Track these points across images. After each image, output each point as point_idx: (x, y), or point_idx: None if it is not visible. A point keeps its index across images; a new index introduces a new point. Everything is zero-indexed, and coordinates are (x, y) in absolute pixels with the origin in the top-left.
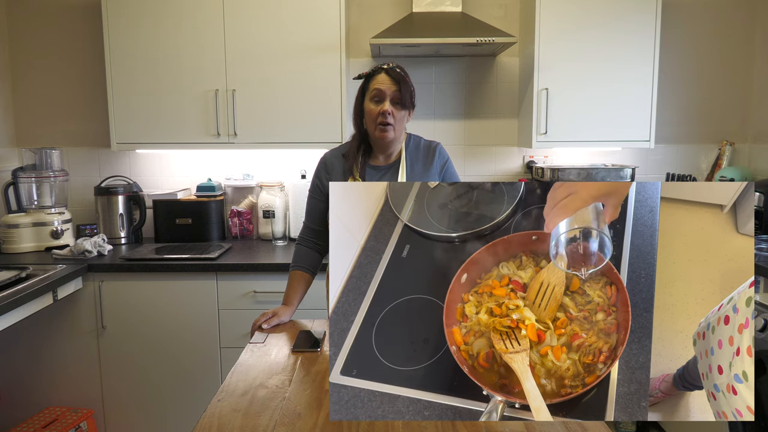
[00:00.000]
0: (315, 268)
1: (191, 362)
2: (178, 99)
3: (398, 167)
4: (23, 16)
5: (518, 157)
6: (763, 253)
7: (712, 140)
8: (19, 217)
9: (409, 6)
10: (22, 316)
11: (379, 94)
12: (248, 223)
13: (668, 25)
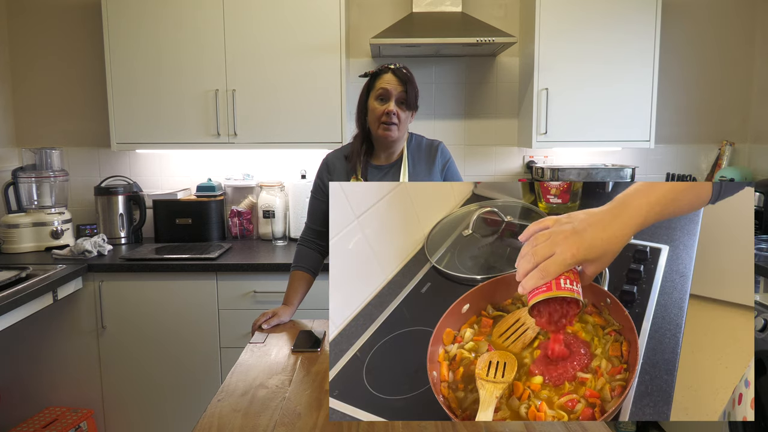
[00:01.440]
0: (316, 268)
1: (191, 362)
2: (178, 99)
3: (400, 166)
4: (23, 16)
5: (518, 157)
6: (763, 253)
7: (712, 140)
8: (19, 217)
9: (409, 6)
10: (22, 316)
11: (384, 93)
12: (248, 223)
13: (668, 25)
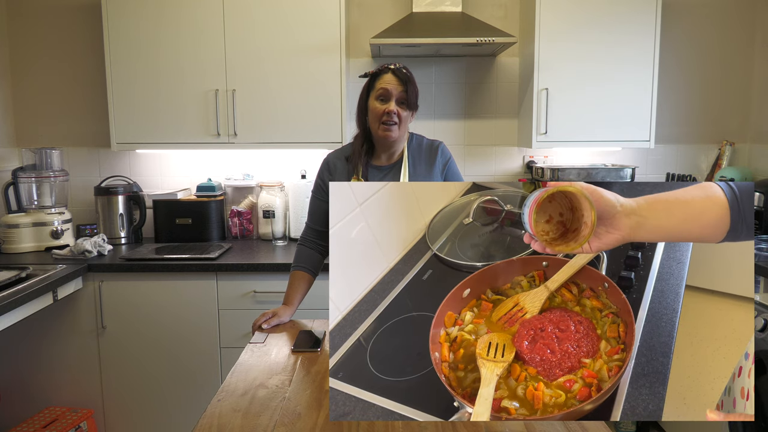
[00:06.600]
0: (316, 268)
1: (191, 362)
2: (178, 99)
3: (400, 167)
4: (23, 16)
5: (518, 157)
6: (763, 253)
7: (712, 140)
8: (19, 217)
9: (409, 6)
10: (22, 316)
11: (385, 93)
12: (248, 223)
13: (668, 25)
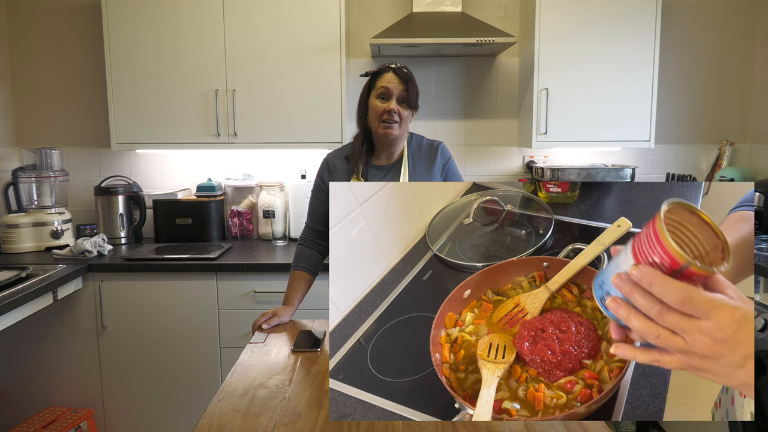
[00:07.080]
0: (316, 268)
1: (191, 362)
2: (178, 99)
3: (400, 167)
4: (23, 16)
5: (518, 157)
6: (763, 253)
7: (712, 140)
8: (19, 217)
9: (409, 6)
10: (22, 316)
11: (385, 92)
12: (248, 223)
13: (668, 25)
